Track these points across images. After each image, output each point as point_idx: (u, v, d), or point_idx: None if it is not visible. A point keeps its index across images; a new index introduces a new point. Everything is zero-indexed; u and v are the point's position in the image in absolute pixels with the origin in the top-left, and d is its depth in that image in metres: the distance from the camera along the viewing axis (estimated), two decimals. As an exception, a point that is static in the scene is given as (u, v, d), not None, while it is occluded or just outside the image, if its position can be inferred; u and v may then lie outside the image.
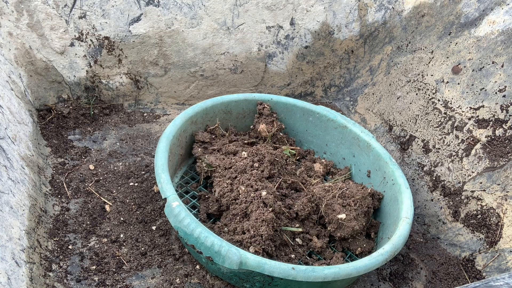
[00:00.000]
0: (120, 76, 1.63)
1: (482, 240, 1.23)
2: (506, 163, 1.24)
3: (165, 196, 1.05)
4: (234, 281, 1.06)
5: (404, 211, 1.15)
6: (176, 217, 1.00)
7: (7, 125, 1.18)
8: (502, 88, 1.31)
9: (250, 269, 0.93)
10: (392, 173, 1.27)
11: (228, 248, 0.94)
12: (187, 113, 1.34)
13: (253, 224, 1.07)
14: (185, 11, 1.61)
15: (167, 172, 1.11)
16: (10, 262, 0.91)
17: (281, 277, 0.93)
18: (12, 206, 1.01)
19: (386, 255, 1.01)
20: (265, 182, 1.20)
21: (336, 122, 1.46)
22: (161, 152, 1.16)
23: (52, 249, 1.09)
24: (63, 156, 1.38)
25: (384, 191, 1.30)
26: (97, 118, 1.58)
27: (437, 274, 1.23)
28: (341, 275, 0.95)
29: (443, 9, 1.61)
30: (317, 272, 0.93)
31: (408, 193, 1.20)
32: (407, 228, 1.10)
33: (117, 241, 1.15)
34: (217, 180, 1.22)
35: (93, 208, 1.23)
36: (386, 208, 1.28)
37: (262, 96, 1.49)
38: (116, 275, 1.07)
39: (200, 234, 0.96)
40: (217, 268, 1.03)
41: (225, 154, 1.34)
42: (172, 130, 1.25)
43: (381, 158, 1.33)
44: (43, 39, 1.47)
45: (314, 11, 1.77)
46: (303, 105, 1.50)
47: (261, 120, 1.46)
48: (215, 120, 1.43)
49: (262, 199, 1.12)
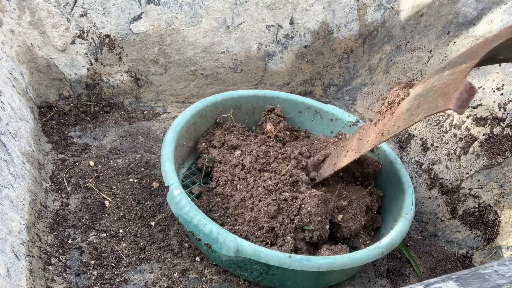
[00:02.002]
0: (120, 74, 1.64)
1: (480, 237, 1.24)
2: (503, 160, 1.24)
3: (168, 184, 1.08)
4: (233, 269, 1.08)
5: (405, 208, 1.16)
6: (177, 204, 1.03)
7: (8, 121, 1.19)
8: (500, 87, 1.31)
9: (246, 256, 0.95)
10: (397, 172, 1.27)
11: (225, 236, 0.96)
12: (197, 106, 1.36)
13: (255, 215, 1.09)
14: (185, 9, 1.63)
15: (172, 161, 1.13)
16: (10, 255, 0.92)
17: (277, 266, 0.94)
18: (12, 200, 1.03)
19: (382, 249, 1.02)
20: (264, 176, 1.21)
21: (343, 120, 1.47)
22: (168, 142, 1.19)
23: (51, 243, 1.10)
24: (64, 153, 1.39)
25: (387, 190, 1.31)
26: (97, 115, 1.59)
27: (434, 270, 1.24)
28: (336, 265, 0.96)
29: (442, 8, 1.62)
30: (312, 261, 0.95)
31: (411, 191, 1.21)
32: (406, 224, 1.11)
33: (116, 236, 1.16)
34: (217, 175, 1.23)
35: (93, 204, 1.24)
36: (388, 206, 1.29)
37: (271, 93, 1.51)
38: (115, 269, 1.08)
39: (199, 222, 0.99)
40: (217, 256, 1.04)
41: (229, 149, 1.35)
42: (180, 122, 1.27)
43: (387, 156, 1.34)
44: (44, 37, 1.49)
45: (314, 10, 1.79)
46: (312, 103, 1.52)
47: (268, 119, 1.47)
48: (225, 114, 1.45)
49: (265, 191, 1.14)
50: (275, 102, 1.51)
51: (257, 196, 1.15)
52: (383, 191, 1.31)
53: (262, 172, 1.23)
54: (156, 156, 1.46)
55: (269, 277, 1.04)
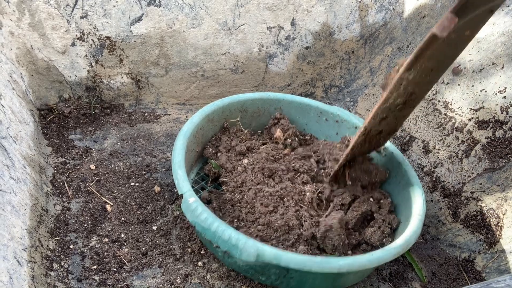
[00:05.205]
0: (121, 76, 1.63)
1: (482, 241, 1.23)
2: (506, 164, 1.24)
3: (181, 192, 1.07)
4: (250, 274, 1.08)
5: (416, 208, 1.17)
6: (193, 212, 1.02)
7: (8, 124, 1.18)
8: (502, 90, 1.31)
9: (267, 261, 0.94)
10: (405, 173, 1.27)
11: (245, 241, 0.95)
12: (204, 111, 1.35)
13: (269, 220, 1.10)
14: (186, 11, 1.62)
15: (183, 169, 1.13)
16: (12, 261, 0.91)
17: (297, 269, 0.94)
18: (14, 206, 1.02)
19: (399, 249, 1.03)
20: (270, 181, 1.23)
21: (350, 122, 1.47)
22: (178, 149, 1.18)
23: (53, 248, 1.09)
24: (64, 156, 1.38)
25: (396, 191, 1.30)
26: (98, 118, 1.58)
27: (436, 274, 1.24)
28: (355, 266, 0.96)
29: (444, 10, 1.61)
30: (331, 263, 0.94)
31: (421, 192, 1.21)
32: (419, 224, 1.12)
33: (118, 241, 1.16)
34: (226, 181, 1.24)
35: (94, 208, 1.23)
36: (398, 208, 1.28)
37: (277, 95, 1.50)
38: (117, 274, 1.07)
39: (217, 228, 0.98)
40: (234, 262, 1.04)
41: (237, 155, 1.35)
42: (189, 128, 1.27)
43: (394, 158, 1.33)
44: (44, 39, 1.47)
45: (315, 12, 1.78)
46: (317, 105, 1.51)
47: (278, 126, 1.47)
48: (231, 118, 1.45)
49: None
50: (280, 104, 1.50)
51: (267, 204, 1.15)
52: (392, 192, 1.31)
53: (271, 180, 1.24)
54: (157, 159, 1.45)
55: (287, 280, 1.04)
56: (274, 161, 1.31)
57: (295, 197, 1.18)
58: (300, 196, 1.19)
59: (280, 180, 1.25)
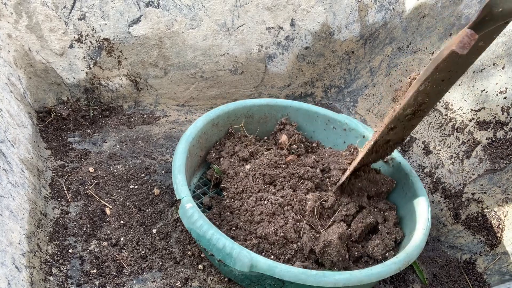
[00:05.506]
0: (119, 77, 1.62)
1: (483, 242, 1.23)
2: (506, 165, 1.23)
3: (179, 197, 1.06)
4: (246, 284, 1.07)
5: (421, 222, 1.14)
6: (189, 218, 1.01)
7: (6, 128, 1.17)
8: (503, 90, 1.30)
9: (260, 272, 0.93)
10: (412, 185, 1.25)
11: (239, 251, 0.94)
12: (209, 116, 1.34)
13: (267, 231, 1.08)
14: (185, 12, 1.61)
15: (183, 173, 1.12)
16: (11, 267, 0.90)
17: (292, 281, 0.93)
18: (12, 210, 1.01)
19: (399, 264, 1.01)
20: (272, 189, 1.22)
21: (357, 131, 1.45)
22: (179, 154, 1.17)
23: (52, 253, 1.08)
24: (63, 159, 1.38)
25: (402, 202, 1.28)
26: (96, 120, 1.58)
27: (438, 276, 1.23)
28: (352, 281, 0.94)
29: (444, 10, 1.60)
30: (327, 277, 0.93)
31: (427, 205, 1.18)
32: (423, 239, 1.09)
33: (118, 245, 1.15)
34: (227, 187, 1.23)
35: (93, 211, 1.22)
36: (403, 220, 1.27)
37: (284, 101, 1.49)
38: (116, 278, 1.06)
39: (212, 236, 0.97)
40: (229, 270, 1.03)
41: (240, 160, 1.33)
42: (192, 132, 1.26)
43: (401, 169, 1.31)
44: (42, 41, 1.46)
45: (315, 12, 1.77)
46: (325, 112, 1.49)
47: (284, 131, 1.45)
48: (237, 123, 1.43)
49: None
50: (287, 111, 1.49)
51: (267, 213, 1.14)
52: (398, 203, 1.29)
53: (272, 187, 1.23)
54: (157, 162, 1.44)
55: None
56: (276, 167, 1.29)
57: (296, 206, 1.16)
58: (301, 205, 1.17)
59: (282, 187, 1.23)
